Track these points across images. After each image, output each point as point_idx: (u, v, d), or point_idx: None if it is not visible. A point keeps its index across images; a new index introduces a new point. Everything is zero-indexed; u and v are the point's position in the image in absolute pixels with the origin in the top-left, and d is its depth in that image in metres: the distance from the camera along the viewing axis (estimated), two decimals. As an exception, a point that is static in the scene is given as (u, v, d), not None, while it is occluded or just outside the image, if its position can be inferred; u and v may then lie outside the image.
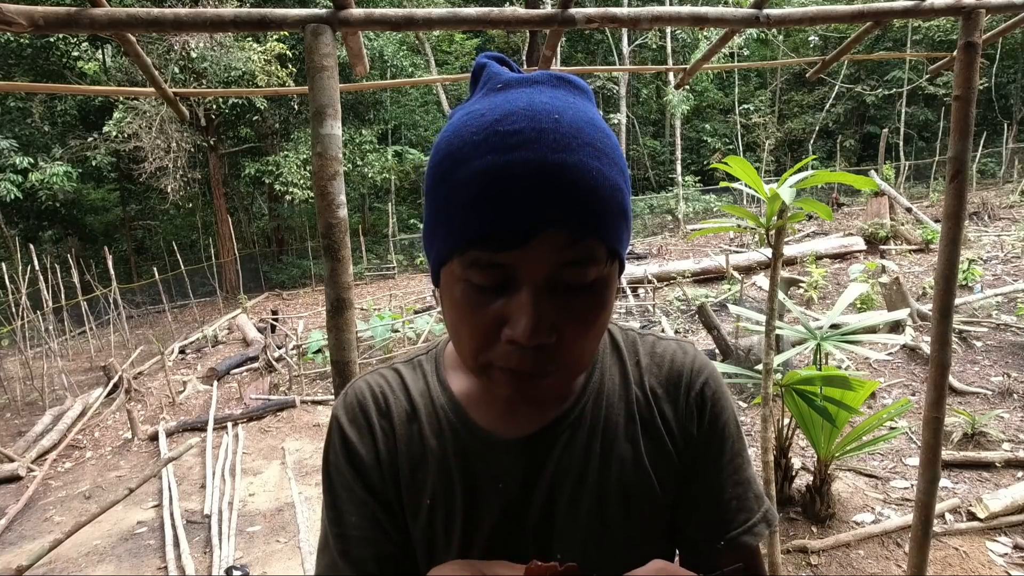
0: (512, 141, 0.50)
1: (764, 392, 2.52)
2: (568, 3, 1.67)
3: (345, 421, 0.69)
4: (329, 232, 1.56)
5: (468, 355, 0.57)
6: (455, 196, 0.52)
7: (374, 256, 17.91)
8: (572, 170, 0.49)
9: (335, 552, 0.66)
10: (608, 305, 0.57)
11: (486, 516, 0.66)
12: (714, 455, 0.69)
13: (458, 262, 0.53)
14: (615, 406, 0.69)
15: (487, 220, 0.50)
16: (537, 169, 0.49)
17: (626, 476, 0.66)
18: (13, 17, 1.40)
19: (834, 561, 3.02)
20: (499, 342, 0.54)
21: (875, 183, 9.64)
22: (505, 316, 0.53)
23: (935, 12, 1.86)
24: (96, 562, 3.82)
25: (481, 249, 0.51)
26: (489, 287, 0.53)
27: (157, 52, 12.98)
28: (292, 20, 1.56)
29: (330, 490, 0.68)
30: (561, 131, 0.50)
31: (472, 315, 0.54)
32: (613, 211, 0.52)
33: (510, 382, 0.56)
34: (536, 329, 0.51)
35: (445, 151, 0.53)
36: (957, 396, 4.83)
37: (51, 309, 9.07)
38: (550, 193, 0.49)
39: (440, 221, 0.54)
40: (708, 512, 0.68)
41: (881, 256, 10.26)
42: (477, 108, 0.54)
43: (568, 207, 0.49)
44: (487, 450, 0.66)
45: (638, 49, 21.97)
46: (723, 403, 0.70)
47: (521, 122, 0.50)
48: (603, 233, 0.52)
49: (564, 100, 0.54)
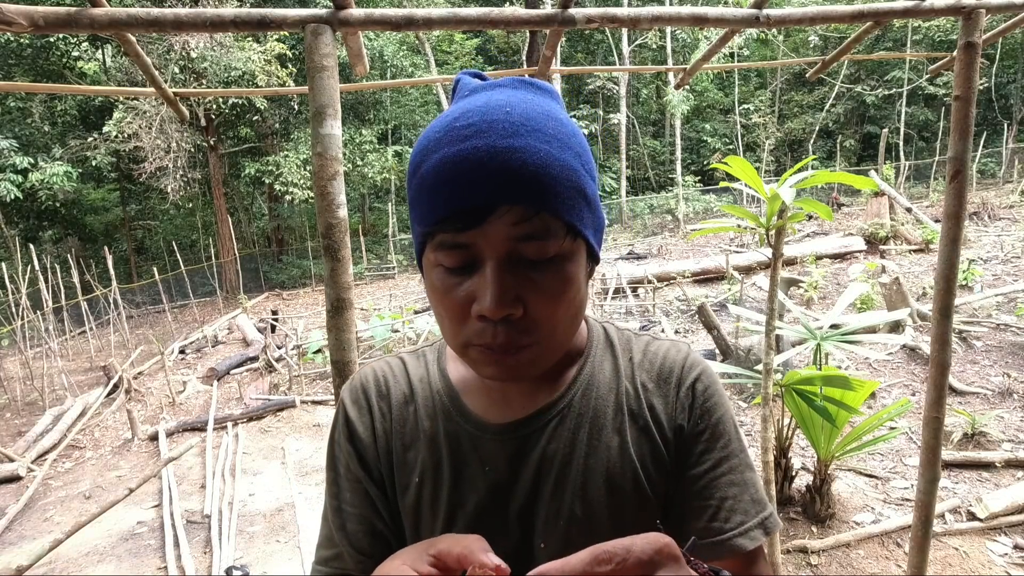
0: (466, 132, 0.55)
1: (764, 392, 2.52)
2: (568, 3, 1.67)
3: (349, 402, 0.74)
4: (329, 232, 1.56)
5: (449, 337, 0.62)
6: (422, 186, 0.57)
7: (374, 256, 17.92)
8: (520, 151, 0.54)
9: (333, 525, 0.71)
10: (574, 281, 0.60)
11: (471, 497, 0.68)
12: (704, 451, 0.68)
13: (430, 248, 0.59)
14: (604, 398, 0.70)
15: (447, 202, 0.55)
16: (487, 152, 0.54)
17: (612, 465, 0.67)
18: (13, 17, 1.40)
19: (834, 561, 3.02)
20: (471, 320, 0.58)
21: (875, 183, 9.64)
22: (474, 295, 0.57)
23: (935, 12, 1.86)
24: (96, 562, 3.82)
25: (445, 231, 0.56)
26: (457, 268, 0.58)
27: (157, 52, 12.99)
28: (292, 20, 1.56)
29: (332, 467, 0.74)
30: (511, 120, 0.55)
31: (445, 297, 0.59)
32: (566, 188, 0.56)
33: (487, 358, 0.59)
34: (500, 301, 0.55)
35: (416, 150, 0.59)
36: (957, 396, 4.83)
37: (51, 309, 9.07)
38: (501, 172, 0.53)
39: (413, 212, 0.60)
40: (697, 510, 0.67)
41: (881, 256, 10.27)
42: (445, 113, 0.61)
43: (517, 183, 0.54)
44: (477, 434, 0.69)
45: (638, 49, 21.98)
46: (716, 400, 0.70)
47: (475, 116, 0.56)
48: (556, 208, 0.56)
49: (519, 97, 0.59)
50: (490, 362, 0.59)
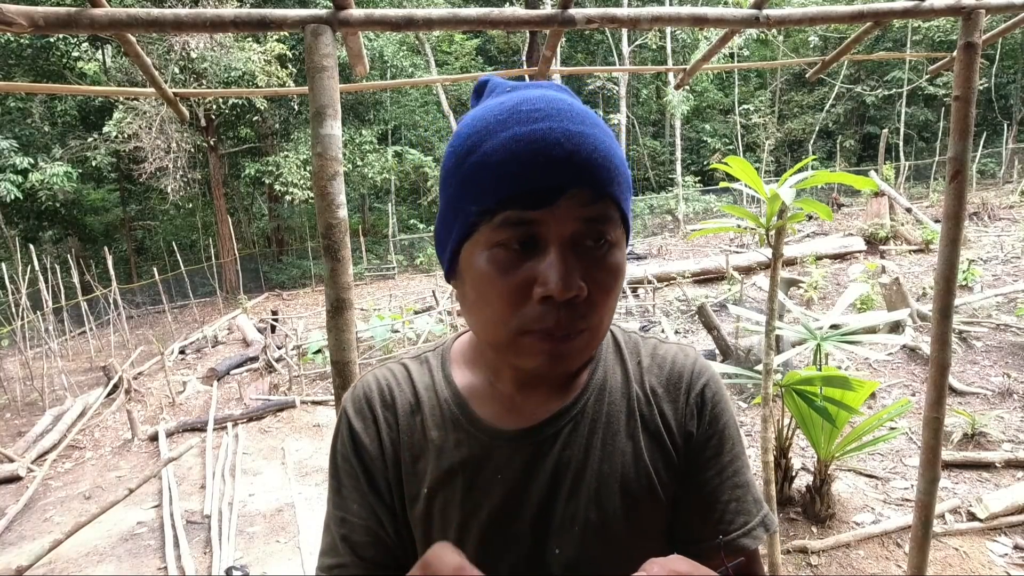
0: (535, 115, 0.56)
1: (764, 392, 2.52)
2: (568, 3, 1.67)
3: (352, 412, 0.72)
4: (329, 232, 1.56)
5: (499, 324, 0.59)
6: (485, 163, 0.56)
7: (374, 256, 17.91)
8: (592, 138, 0.56)
9: (336, 535, 0.70)
10: (622, 269, 0.61)
11: (484, 506, 0.67)
12: (713, 456, 0.69)
13: (487, 227, 0.57)
14: (617, 403, 0.69)
15: (520, 180, 0.55)
16: (562, 134, 0.55)
17: (626, 471, 0.67)
18: (13, 17, 1.40)
19: (834, 561, 3.02)
20: (530, 304, 0.57)
21: (875, 183, 9.64)
22: (535, 277, 0.56)
23: (935, 12, 1.86)
24: (96, 562, 3.82)
25: (513, 208, 0.55)
26: (519, 248, 0.57)
27: (157, 52, 12.98)
28: (292, 20, 1.56)
29: (335, 476, 0.72)
30: (575, 110, 0.58)
31: (502, 280, 0.57)
32: (624, 178, 0.60)
33: (542, 344, 0.58)
34: (568, 283, 0.55)
35: (468, 132, 0.59)
36: (957, 396, 4.83)
37: (51, 309, 9.06)
38: (576, 154, 0.55)
39: (468, 192, 0.58)
40: (706, 513, 0.68)
41: (881, 256, 10.27)
42: (492, 103, 0.60)
43: (591, 168, 0.55)
44: (488, 441, 0.68)
45: (638, 49, 21.96)
46: (723, 406, 0.71)
47: (540, 103, 0.57)
48: (618, 194, 0.58)
49: (567, 96, 0.62)
50: (543, 350, 0.58)
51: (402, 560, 0.71)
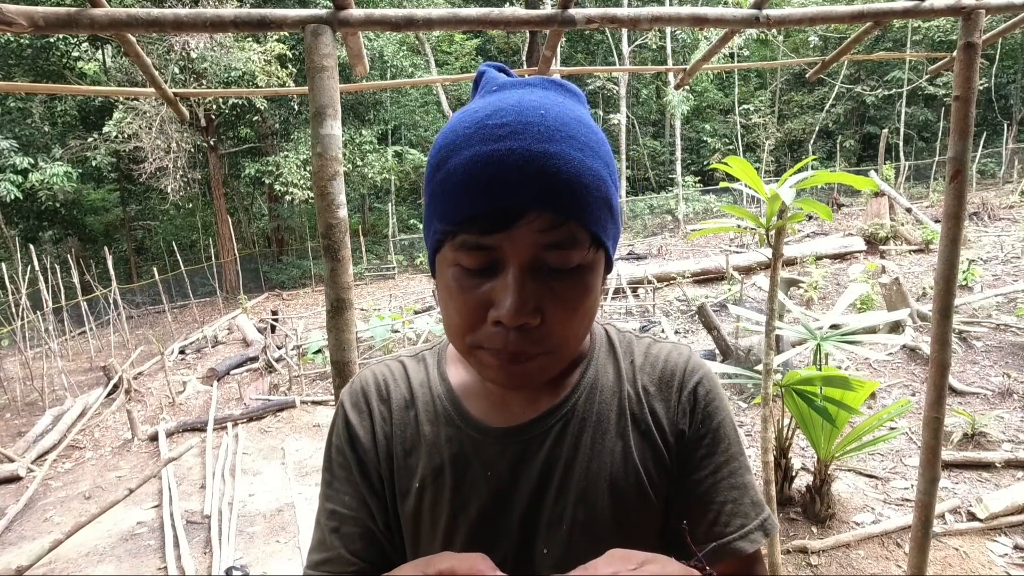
0: (500, 132, 0.53)
1: (764, 392, 2.52)
2: (568, 3, 1.67)
3: (348, 405, 0.73)
4: (329, 232, 1.56)
5: (457, 337, 0.60)
6: (447, 182, 0.55)
7: (374, 256, 17.91)
8: (555, 157, 0.53)
9: (326, 528, 0.70)
10: (592, 291, 0.59)
11: (473, 503, 0.67)
12: (706, 456, 0.68)
13: (449, 246, 0.57)
14: (607, 402, 0.69)
15: (476, 202, 0.53)
16: (522, 155, 0.52)
17: (615, 471, 0.67)
18: (13, 17, 1.40)
19: (834, 561, 3.02)
20: (486, 324, 0.57)
21: (875, 183, 9.64)
22: (492, 298, 0.56)
23: (935, 12, 1.86)
24: (96, 562, 3.82)
25: (470, 231, 0.54)
26: (477, 270, 0.56)
27: (157, 52, 12.98)
28: (292, 20, 1.56)
29: (329, 468, 0.73)
30: (546, 124, 0.54)
31: (460, 297, 0.58)
32: (595, 198, 0.55)
33: (496, 364, 0.58)
34: (520, 309, 0.54)
35: (441, 144, 0.57)
36: (957, 396, 4.83)
37: (51, 309, 9.06)
38: (534, 177, 0.52)
39: (435, 208, 0.57)
40: (701, 514, 0.67)
41: (881, 256, 10.27)
42: (472, 107, 0.58)
43: (550, 190, 0.53)
44: (479, 438, 0.68)
45: (638, 49, 21.97)
46: (717, 404, 0.70)
47: (509, 116, 0.54)
48: (584, 218, 0.55)
49: (552, 99, 0.58)
50: (498, 368, 0.58)
51: (391, 558, 0.70)
